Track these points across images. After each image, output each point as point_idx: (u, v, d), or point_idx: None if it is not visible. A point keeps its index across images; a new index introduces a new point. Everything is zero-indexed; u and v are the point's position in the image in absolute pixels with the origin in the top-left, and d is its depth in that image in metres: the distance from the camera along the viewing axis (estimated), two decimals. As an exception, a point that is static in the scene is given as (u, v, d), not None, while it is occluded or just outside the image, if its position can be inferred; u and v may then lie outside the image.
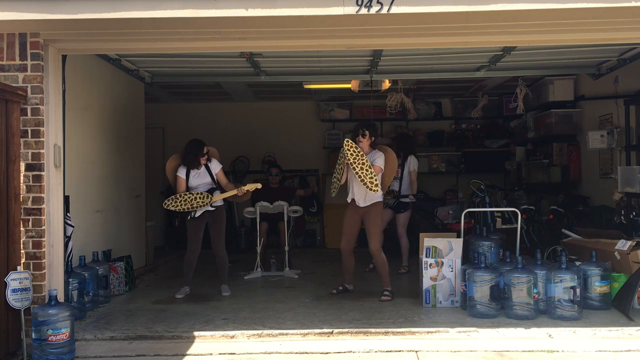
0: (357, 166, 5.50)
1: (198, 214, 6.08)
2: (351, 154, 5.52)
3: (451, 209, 8.79)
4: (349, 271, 6.13)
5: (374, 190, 5.53)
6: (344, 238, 5.97)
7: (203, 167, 6.17)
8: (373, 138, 5.83)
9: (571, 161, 8.28)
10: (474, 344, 4.50)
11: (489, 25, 4.48)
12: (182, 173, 6.15)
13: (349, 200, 5.90)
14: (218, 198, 6.10)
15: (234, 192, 6.10)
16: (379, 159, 5.74)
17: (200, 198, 6.00)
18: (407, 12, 4.12)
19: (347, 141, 5.59)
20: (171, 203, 6.04)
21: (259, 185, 6.27)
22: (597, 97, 7.58)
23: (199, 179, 6.16)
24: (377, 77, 7.28)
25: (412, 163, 7.40)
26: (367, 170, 5.51)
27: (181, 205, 6.01)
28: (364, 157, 5.54)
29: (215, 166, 6.23)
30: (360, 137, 5.77)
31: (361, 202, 5.79)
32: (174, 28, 4.46)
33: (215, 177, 6.20)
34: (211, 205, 6.10)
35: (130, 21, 4.25)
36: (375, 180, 5.52)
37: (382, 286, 5.84)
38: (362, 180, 5.50)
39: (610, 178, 7.05)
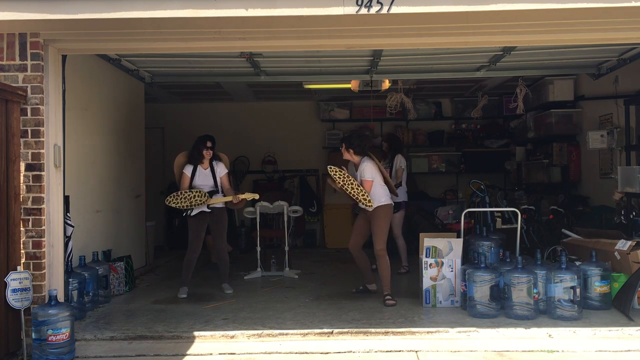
0: (348, 188, 5.68)
1: (194, 212, 6.10)
2: (339, 177, 5.68)
3: (451, 209, 8.80)
4: (366, 270, 6.11)
5: (369, 206, 5.70)
6: (352, 236, 6.04)
7: (209, 168, 6.19)
8: (351, 150, 5.89)
9: (571, 161, 8.27)
10: (474, 344, 4.50)
11: (489, 25, 4.48)
12: (188, 170, 6.18)
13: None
14: (215, 201, 6.12)
15: (229, 198, 6.12)
16: (364, 171, 5.79)
17: (198, 196, 6.02)
18: (407, 12, 4.12)
19: (330, 168, 5.73)
20: (172, 200, 6.06)
21: (257, 196, 6.34)
22: (597, 97, 7.58)
23: (203, 179, 6.18)
24: (377, 77, 7.27)
25: (398, 162, 7.49)
26: (357, 189, 5.68)
27: (181, 202, 6.02)
28: (350, 178, 5.69)
29: (221, 170, 6.26)
30: (343, 150, 5.95)
31: (368, 207, 5.84)
32: (174, 28, 4.46)
33: (219, 180, 6.22)
34: (208, 207, 6.11)
35: (130, 21, 4.25)
36: (367, 195, 5.68)
37: (382, 290, 5.78)
38: (357, 199, 5.71)
39: (610, 178, 7.05)
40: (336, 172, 5.69)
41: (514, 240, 6.09)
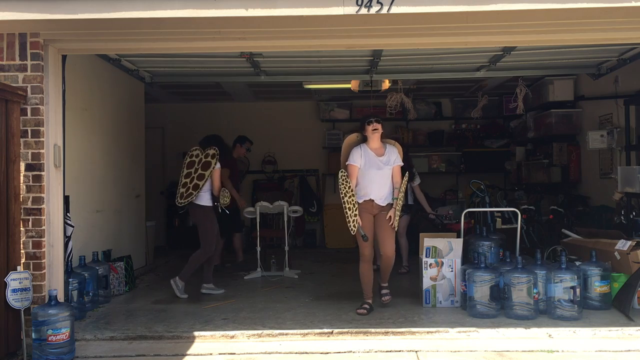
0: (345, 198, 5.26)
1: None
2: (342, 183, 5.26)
3: (451, 209, 8.79)
4: (367, 285, 5.42)
5: (351, 229, 5.26)
6: (365, 245, 5.30)
7: None
8: (382, 131, 5.49)
9: (571, 161, 8.27)
10: (474, 344, 4.50)
11: (489, 25, 4.48)
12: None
13: (360, 200, 5.38)
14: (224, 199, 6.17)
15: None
16: (398, 158, 5.45)
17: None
18: (407, 12, 4.13)
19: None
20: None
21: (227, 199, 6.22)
22: (597, 97, 7.58)
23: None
24: (377, 77, 7.28)
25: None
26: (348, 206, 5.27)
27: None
28: (347, 190, 5.27)
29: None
30: (375, 123, 5.41)
31: (380, 201, 5.39)
32: (174, 28, 4.46)
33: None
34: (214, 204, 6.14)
35: (130, 21, 4.25)
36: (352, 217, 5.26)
37: (380, 282, 5.53)
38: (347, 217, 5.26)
39: (610, 178, 7.05)
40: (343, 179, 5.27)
41: (514, 240, 6.09)
